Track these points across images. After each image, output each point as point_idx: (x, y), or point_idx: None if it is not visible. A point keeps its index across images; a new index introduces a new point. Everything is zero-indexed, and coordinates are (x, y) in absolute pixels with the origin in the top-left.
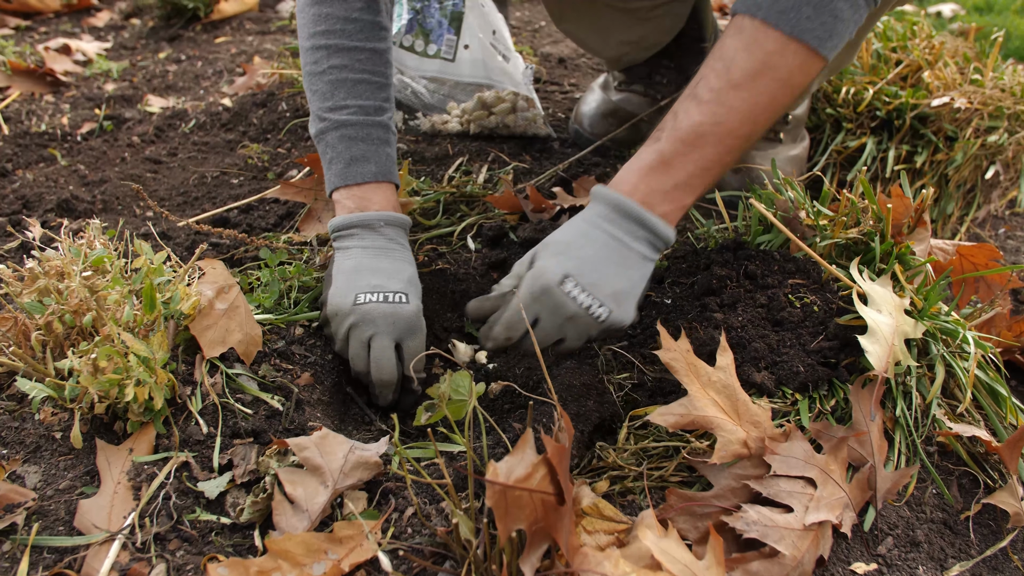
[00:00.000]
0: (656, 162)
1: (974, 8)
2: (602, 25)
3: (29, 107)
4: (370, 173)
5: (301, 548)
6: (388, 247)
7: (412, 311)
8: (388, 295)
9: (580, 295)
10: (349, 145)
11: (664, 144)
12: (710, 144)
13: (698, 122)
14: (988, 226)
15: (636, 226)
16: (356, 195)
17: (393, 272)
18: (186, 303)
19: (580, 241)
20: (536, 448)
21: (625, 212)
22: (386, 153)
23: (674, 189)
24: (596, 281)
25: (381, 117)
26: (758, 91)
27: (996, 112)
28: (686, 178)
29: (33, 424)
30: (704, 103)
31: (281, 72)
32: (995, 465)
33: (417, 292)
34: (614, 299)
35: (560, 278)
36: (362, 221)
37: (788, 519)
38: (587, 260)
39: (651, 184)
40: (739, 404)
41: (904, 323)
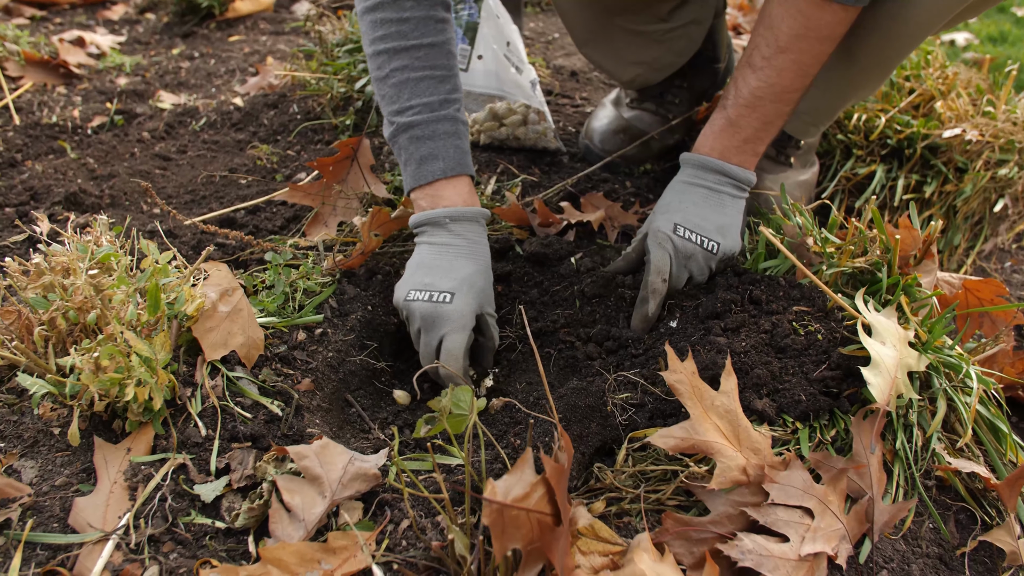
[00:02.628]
0: (725, 125)
1: (988, 38)
2: (618, 47)
3: (41, 98)
4: (439, 170)
5: (294, 557)
6: (452, 243)
7: (451, 310)
8: (434, 294)
9: (693, 235)
10: (418, 145)
11: (730, 110)
12: (768, 102)
13: (755, 87)
14: (994, 259)
15: (719, 175)
16: (428, 193)
17: (448, 270)
18: (191, 305)
19: (679, 198)
20: (535, 467)
21: (708, 167)
22: (454, 146)
23: (743, 143)
24: (700, 223)
25: (447, 110)
26: (803, 51)
27: (1007, 145)
28: (752, 133)
29: (32, 419)
30: (758, 69)
31: (294, 74)
32: (993, 502)
33: (469, 290)
34: (719, 232)
35: (672, 227)
36: (430, 219)
37: (784, 549)
38: (689, 209)
39: (724, 143)
40: (740, 430)
41: (907, 356)
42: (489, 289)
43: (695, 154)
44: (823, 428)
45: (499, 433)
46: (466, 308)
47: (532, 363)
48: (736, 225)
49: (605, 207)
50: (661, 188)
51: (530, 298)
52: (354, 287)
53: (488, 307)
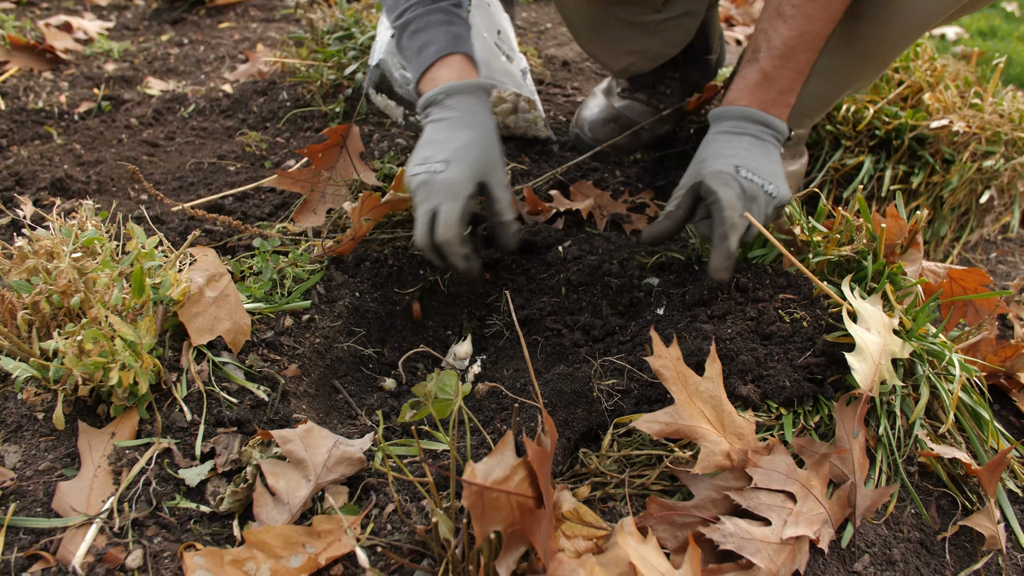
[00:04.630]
0: (760, 78)
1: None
2: (612, 37)
3: (27, 83)
4: (432, 53)
5: (279, 540)
6: (447, 116)
7: (443, 179)
8: (429, 166)
9: (755, 177)
10: (415, 39)
11: (764, 62)
12: (802, 52)
13: (787, 37)
14: (980, 250)
15: (762, 126)
16: (428, 79)
17: (443, 142)
18: (176, 289)
19: (729, 145)
20: (517, 451)
21: (751, 118)
22: (447, 31)
23: (779, 95)
24: (757, 167)
25: (438, 4)
26: None
27: (994, 137)
28: (787, 84)
29: (15, 403)
30: (789, 19)
31: (284, 61)
32: (974, 488)
33: (463, 158)
34: (774, 178)
35: (735, 168)
36: (428, 100)
37: (765, 532)
38: (743, 155)
39: (761, 96)
40: (724, 415)
41: (892, 343)
42: (491, 157)
43: (735, 107)
44: (807, 414)
45: (486, 419)
46: (459, 175)
47: (519, 350)
48: (783, 175)
49: (594, 196)
50: (651, 177)
51: (517, 285)
52: (342, 274)
53: (492, 176)
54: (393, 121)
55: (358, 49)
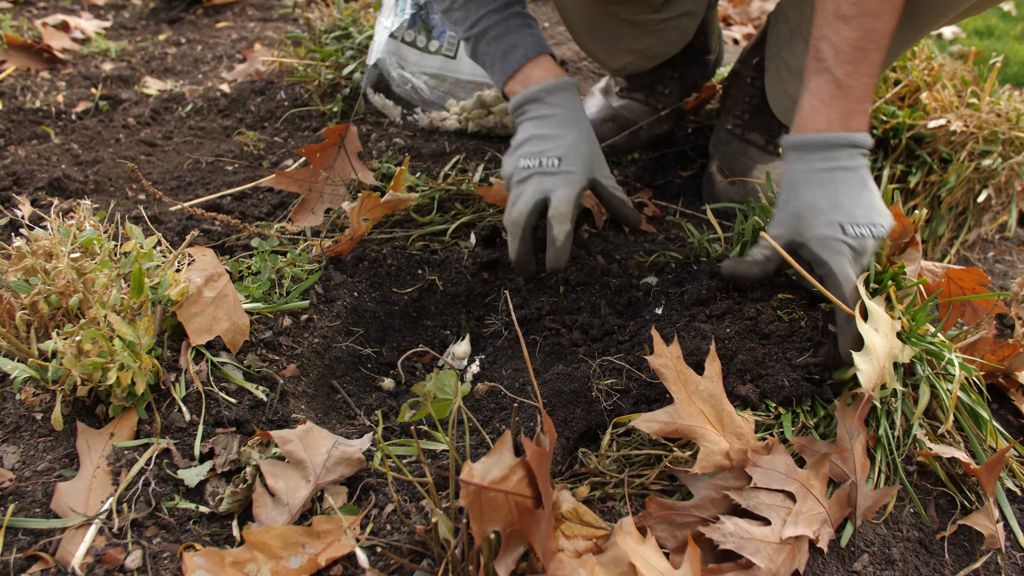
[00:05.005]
0: (834, 90)
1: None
2: (611, 35)
3: (24, 83)
4: (522, 55)
5: (279, 541)
6: (552, 113)
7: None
8: (543, 160)
9: (862, 228)
10: (497, 44)
11: (835, 71)
12: (872, 51)
13: (855, 39)
14: (977, 249)
15: (850, 149)
16: (519, 79)
17: (553, 138)
18: (174, 289)
19: (826, 193)
20: (515, 450)
21: (839, 144)
22: (529, 33)
23: (857, 103)
24: (860, 213)
25: (512, 9)
26: None
27: (991, 136)
28: (863, 91)
29: (13, 404)
30: (851, 19)
31: (281, 60)
32: (972, 487)
33: (576, 153)
34: (876, 213)
35: (841, 229)
36: (527, 97)
37: (765, 532)
38: (843, 202)
39: (839, 110)
40: (724, 415)
41: (895, 346)
42: (597, 153)
43: (816, 134)
44: (806, 414)
45: (484, 419)
46: (576, 170)
47: (518, 349)
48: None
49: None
50: (649, 177)
51: (516, 285)
52: (340, 273)
53: (600, 171)
54: (391, 121)
55: (356, 49)
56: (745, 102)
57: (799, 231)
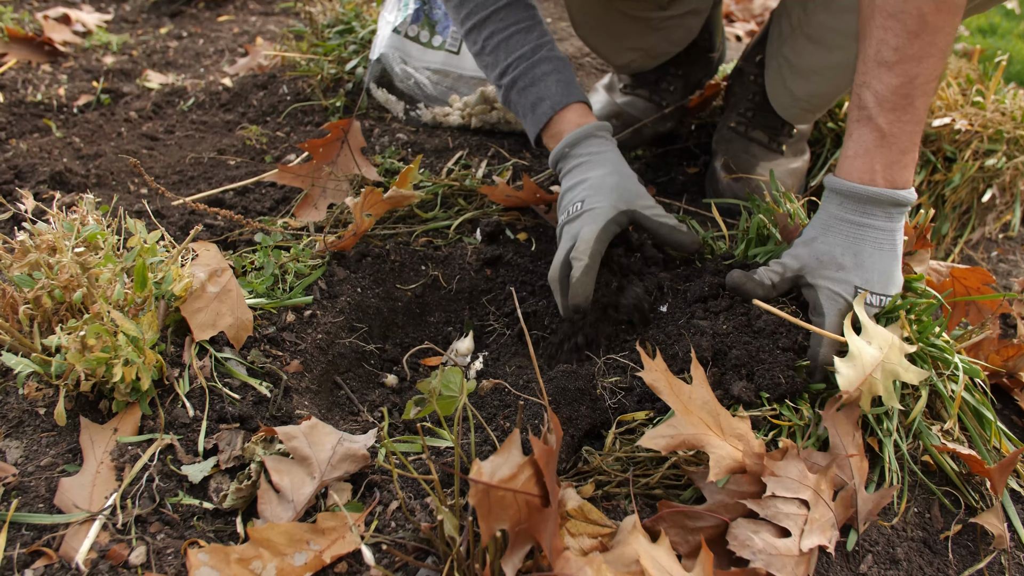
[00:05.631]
0: (878, 140)
1: (977, 30)
2: (616, 32)
3: (25, 76)
4: (548, 108)
5: (283, 538)
6: (577, 164)
7: (585, 209)
8: (569, 210)
9: (875, 299)
10: (525, 95)
11: (878, 119)
12: (918, 98)
13: (897, 85)
14: (981, 248)
15: (889, 207)
16: (549, 135)
17: (578, 184)
18: (178, 284)
19: (853, 253)
20: (523, 449)
21: (877, 201)
22: (555, 81)
23: (901, 155)
24: (878, 279)
25: (540, 54)
26: (937, 29)
27: (996, 135)
28: (908, 140)
29: (16, 399)
30: (894, 65)
31: (284, 55)
32: (976, 486)
33: (598, 190)
34: (893, 283)
35: (851, 289)
36: (558, 154)
37: (788, 545)
38: (865, 263)
39: (883, 162)
40: (721, 419)
41: (896, 363)
42: (629, 185)
43: (858, 186)
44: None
45: (489, 416)
46: (600, 203)
47: (521, 346)
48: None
49: None
50: (653, 174)
51: (520, 281)
52: (344, 269)
53: (636, 201)
54: (394, 116)
55: (358, 43)
56: (748, 100)
57: (812, 272)
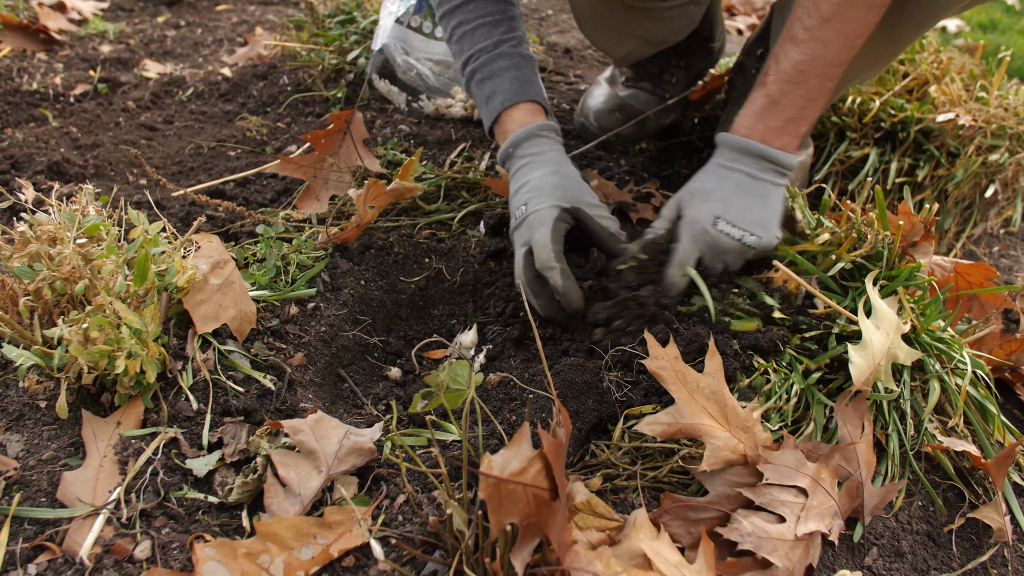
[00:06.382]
0: (766, 104)
1: (978, 26)
2: (617, 21)
3: (20, 64)
4: (499, 104)
5: (290, 532)
6: (520, 165)
7: (529, 215)
8: (516, 214)
9: (732, 230)
10: (482, 87)
11: (771, 87)
12: (813, 77)
13: (798, 61)
14: (983, 243)
15: (761, 160)
16: (498, 131)
17: (521, 187)
18: (182, 276)
19: (720, 184)
20: (532, 442)
21: (748, 151)
22: (511, 78)
23: (786, 123)
24: (741, 215)
25: (502, 48)
26: (849, 19)
27: (999, 131)
28: (796, 111)
29: (17, 392)
30: (801, 42)
31: (284, 44)
32: (980, 480)
33: (539, 192)
34: (759, 226)
35: (712, 220)
36: (503, 154)
37: (781, 530)
38: (730, 199)
39: (766, 123)
40: (728, 410)
41: (898, 347)
42: (569, 183)
43: (735, 136)
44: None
45: (494, 409)
46: (542, 205)
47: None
48: (776, 217)
49: (600, 184)
50: (656, 167)
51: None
52: (347, 261)
53: (579, 199)
54: (396, 107)
55: (360, 33)
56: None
57: (682, 206)
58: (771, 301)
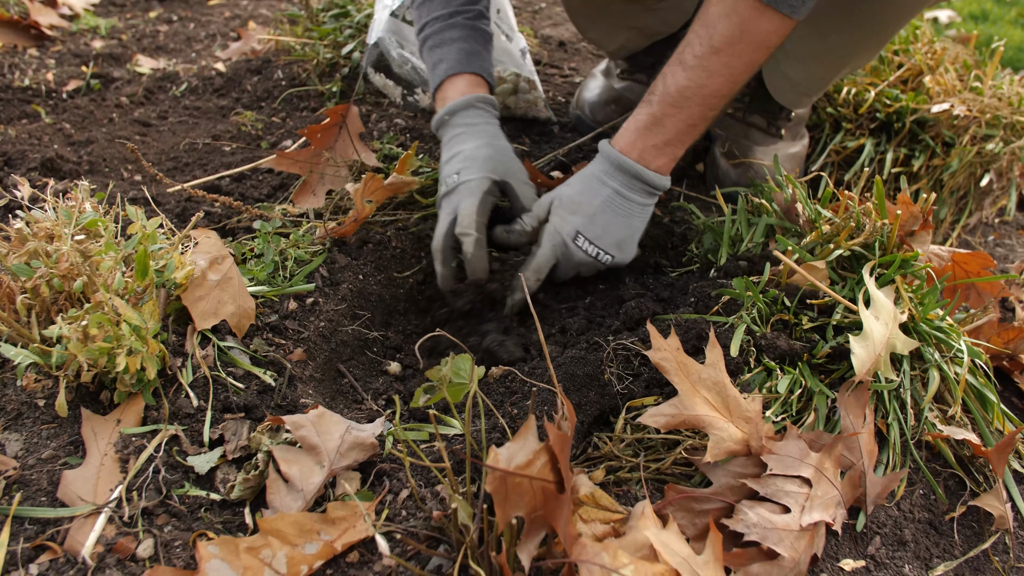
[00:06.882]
0: (649, 122)
1: (970, 16)
2: (609, 14)
3: (11, 60)
4: (442, 72)
5: (293, 528)
6: (455, 134)
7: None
8: (447, 180)
9: (589, 247)
10: (431, 54)
11: (655, 107)
12: (695, 104)
13: (684, 86)
14: (978, 233)
15: (633, 179)
16: (439, 98)
17: (454, 156)
18: (181, 272)
19: (588, 198)
20: (537, 435)
21: (623, 168)
22: (459, 48)
23: (665, 145)
24: (601, 234)
25: (456, 19)
26: (736, 55)
27: (993, 121)
28: (675, 135)
29: (15, 390)
30: (689, 68)
31: (278, 39)
32: (980, 468)
33: (472, 162)
34: (617, 247)
35: (573, 234)
36: (438, 122)
37: (786, 520)
38: (594, 216)
39: (645, 142)
40: (730, 400)
41: (896, 337)
42: (503, 158)
43: (614, 150)
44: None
45: (496, 402)
46: (474, 176)
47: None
48: (636, 237)
49: None
50: None
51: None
52: (345, 256)
53: (510, 175)
54: (392, 101)
55: (354, 27)
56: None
57: (551, 211)
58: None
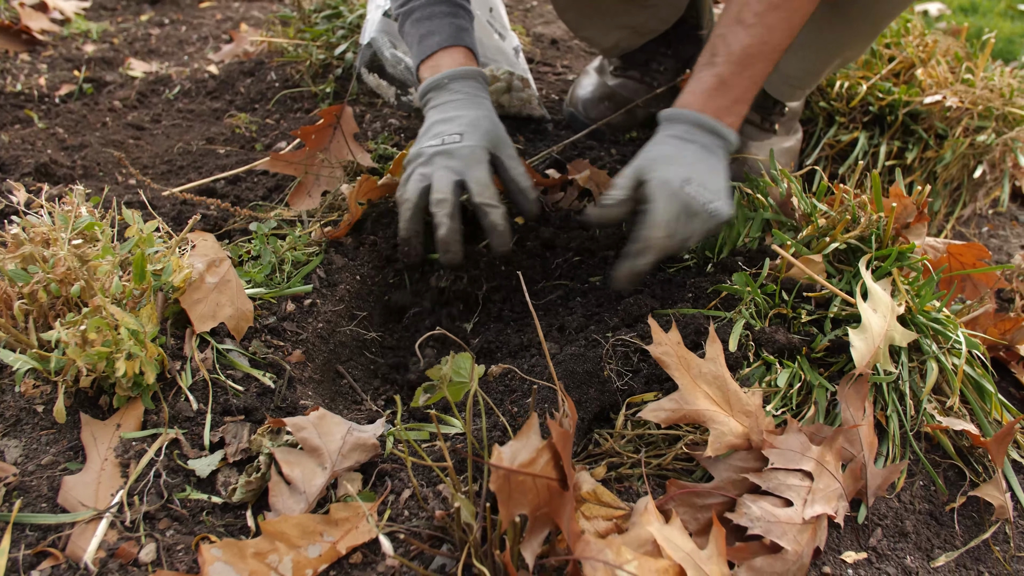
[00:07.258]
0: (716, 84)
1: (959, 8)
2: (601, 11)
3: (3, 65)
4: (436, 43)
5: (297, 530)
6: (453, 98)
7: (462, 147)
8: (445, 138)
9: (701, 193)
10: (418, 26)
11: (721, 68)
12: (760, 61)
13: (747, 44)
14: (973, 224)
15: (714, 136)
16: (429, 65)
17: (453, 119)
18: (178, 275)
19: (681, 153)
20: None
21: (703, 126)
22: (451, 23)
23: (733, 104)
24: (706, 182)
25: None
26: (795, 8)
27: (985, 112)
28: (742, 92)
29: (13, 396)
30: (750, 26)
31: (271, 40)
32: (979, 459)
33: (475, 130)
34: (719, 195)
35: (682, 181)
36: (432, 84)
37: (789, 513)
38: (695, 166)
39: (717, 102)
40: (730, 394)
41: (894, 329)
42: (500, 132)
43: (691, 111)
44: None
45: (496, 400)
46: (478, 143)
47: (527, 330)
48: (729, 189)
49: (591, 173)
50: None
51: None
52: (342, 256)
53: (502, 149)
54: (385, 101)
55: (347, 28)
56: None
57: (645, 171)
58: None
